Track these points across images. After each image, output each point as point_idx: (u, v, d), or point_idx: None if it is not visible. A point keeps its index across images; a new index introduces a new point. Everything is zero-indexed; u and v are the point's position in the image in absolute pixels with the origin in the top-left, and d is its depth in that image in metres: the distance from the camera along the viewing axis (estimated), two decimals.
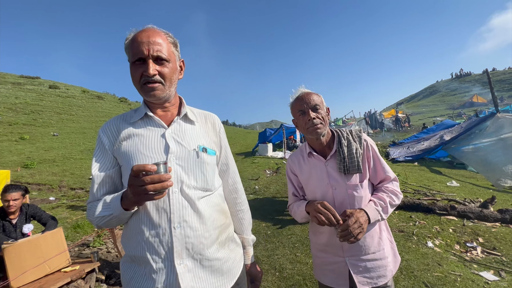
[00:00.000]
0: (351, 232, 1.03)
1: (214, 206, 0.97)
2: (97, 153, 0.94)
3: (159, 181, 0.71)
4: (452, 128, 9.46)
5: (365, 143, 1.23)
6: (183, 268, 0.85)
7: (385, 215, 1.15)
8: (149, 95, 0.90)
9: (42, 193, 6.70)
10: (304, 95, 1.21)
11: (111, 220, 0.85)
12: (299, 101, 1.22)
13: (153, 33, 0.89)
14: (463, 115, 27.20)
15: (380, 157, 1.23)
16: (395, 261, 1.25)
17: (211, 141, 1.04)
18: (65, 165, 9.40)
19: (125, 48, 0.91)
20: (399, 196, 1.19)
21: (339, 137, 1.24)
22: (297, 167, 1.34)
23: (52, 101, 21.31)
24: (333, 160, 1.22)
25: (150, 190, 0.71)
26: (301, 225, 4.20)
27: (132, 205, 0.81)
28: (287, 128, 13.75)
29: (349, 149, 1.19)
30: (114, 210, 0.83)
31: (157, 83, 0.89)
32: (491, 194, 4.82)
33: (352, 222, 1.05)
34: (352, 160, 1.17)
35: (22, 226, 2.87)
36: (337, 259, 1.21)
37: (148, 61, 0.86)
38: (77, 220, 4.80)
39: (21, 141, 11.92)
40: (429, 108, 47.43)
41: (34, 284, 2.30)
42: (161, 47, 0.88)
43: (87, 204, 0.92)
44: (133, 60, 0.87)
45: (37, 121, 15.80)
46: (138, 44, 0.86)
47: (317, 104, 1.19)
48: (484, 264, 2.85)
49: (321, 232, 1.26)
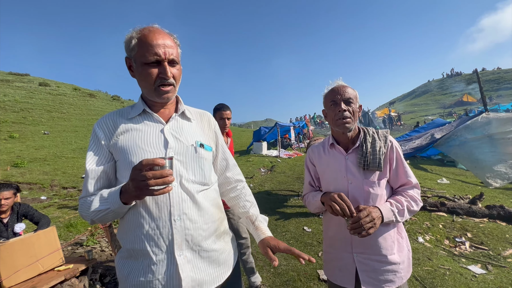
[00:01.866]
0: (362, 225, 1.02)
1: (211, 200, 1.01)
2: (92, 147, 0.94)
3: (161, 177, 0.72)
4: (443, 126, 9.65)
5: (390, 143, 1.22)
6: (183, 259, 0.87)
7: (401, 218, 1.12)
8: (162, 97, 0.93)
9: (33, 193, 6.58)
10: (340, 87, 1.21)
11: (107, 214, 0.85)
12: (334, 92, 1.21)
13: (164, 35, 0.91)
14: (454, 114, 27.77)
15: (403, 161, 1.22)
16: (408, 270, 1.21)
17: (207, 138, 1.07)
18: (56, 164, 9.23)
19: (132, 47, 0.90)
20: (419, 204, 1.16)
21: (365, 134, 1.24)
22: (317, 157, 1.35)
23: (43, 99, 20.84)
24: (354, 154, 1.22)
25: (152, 185, 0.72)
26: (295, 222, 4.24)
27: (132, 199, 0.82)
28: (281, 127, 13.81)
29: (372, 146, 1.19)
30: (112, 204, 0.83)
31: (171, 85, 0.93)
32: (479, 191, 4.96)
33: (364, 215, 1.04)
34: (374, 156, 1.16)
35: (13, 226, 2.82)
36: (345, 255, 1.21)
37: (165, 64, 0.89)
38: (69, 219, 4.74)
39: (11, 139, 11.64)
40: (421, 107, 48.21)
41: (27, 283, 2.27)
42: (174, 50, 0.92)
43: (80, 199, 0.92)
44: (148, 62, 0.88)
45: (27, 119, 15.44)
46: (154, 47, 0.87)
47: (351, 98, 1.19)
48: (472, 258, 2.94)
49: (331, 226, 1.27)
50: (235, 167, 1.19)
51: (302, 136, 17.54)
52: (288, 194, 5.78)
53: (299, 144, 15.81)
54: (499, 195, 5.19)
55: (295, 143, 15.51)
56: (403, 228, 1.26)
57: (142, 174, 0.72)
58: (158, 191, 0.74)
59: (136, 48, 0.89)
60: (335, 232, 1.25)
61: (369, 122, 25.79)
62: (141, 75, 0.91)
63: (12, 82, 23.93)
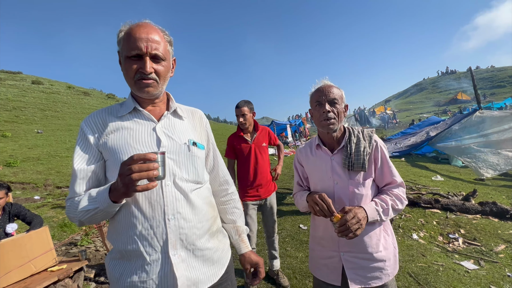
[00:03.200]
0: (349, 228, 1.03)
1: (204, 198, 1.00)
2: (80, 146, 0.91)
3: (147, 169, 0.70)
4: (437, 124, 9.75)
5: (374, 143, 1.22)
6: (177, 258, 0.86)
7: (385, 217, 1.13)
8: (142, 91, 0.90)
9: (26, 192, 6.49)
10: (325, 87, 1.21)
11: (96, 214, 0.82)
12: (319, 92, 1.21)
13: (151, 30, 0.88)
14: (448, 111, 28.07)
15: (388, 160, 1.22)
16: (395, 267, 1.22)
17: (199, 136, 1.06)
18: (50, 163, 9.12)
19: (119, 40, 0.89)
20: (404, 202, 1.17)
21: (350, 134, 1.24)
22: (304, 157, 1.36)
23: (36, 97, 20.55)
24: (339, 155, 1.22)
25: (135, 179, 0.69)
26: (291, 220, 4.25)
27: (121, 197, 0.78)
28: (277, 125, 13.82)
29: (357, 146, 1.19)
30: (100, 203, 0.80)
31: (152, 80, 0.89)
32: (473, 188, 5.02)
33: (350, 217, 1.04)
34: (358, 157, 1.17)
35: (5, 226, 2.78)
36: (332, 254, 1.22)
37: (146, 59, 0.86)
38: (63, 219, 4.69)
39: (3, 138, 11.47)
40: (416, 105, 48.65)
41: (19, 284, 2.24)
42: (159, 45, 0.88)
43: (67, 200, 0.88)
44: (129, 55, 0.86)
45: (20, 117, 15.22)
46: (136, 40, 0.85)
47: (336, 99, 1.18)
48: (465, 254, 2.98)
49: (318, 225, 1.28)
50: (223, 167, 1.18)
51: (298, 134, 17.59)
52: (284, 192, 5.79)
53: (296, 142, 15.85)
54: (492, 191, 5.26)
55: (291, 141, 15.54)
56: (390, 226, 1.28)
57: (128, 167, 0.70)
58: (141, 186, 0.71)
59: (122, 41, 0.88)
60: (323, 232, 1.26)
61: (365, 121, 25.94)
62: (123, 68, 0.89)
63: (4, 80, 23.52)
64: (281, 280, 2.55)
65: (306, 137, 17.40)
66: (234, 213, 1.16)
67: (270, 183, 2.53)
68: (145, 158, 0.70)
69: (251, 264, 1.10)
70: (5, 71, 28.06)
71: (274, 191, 2.59)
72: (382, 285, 1.17)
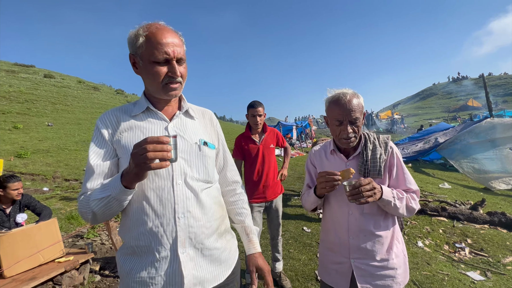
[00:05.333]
0: (361, 192, 1.02)
1: (214, 198, 1.01)
2: (96, 143, 0.92)
3: (161, 150, 0.72)
4: (446, 130, 9.59)
5: (390, 150, 1.21)
6: (185, 256, 0.88)
7: (399, 204, 1.11)
8: (169, 94, 0.92)
9: (36, 184, 6.63)
10: (347, 103, 1.11)
11: (108, 204, 0.81)
12: (339, 109, 1.13)
13: (172, 34, 0.90)
14: (458, 118, 27.54)
15: (404, 167, 1.21)
16: (405, 276, 1.21)
17: (210, 136, 1.08)
18: (59, 156, 9.30)
19: (138, 44, 0.88)
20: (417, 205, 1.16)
21: (366, 140, 1.23)
22: (318, 160, 1.35)
23: (47, 91, 20.95)
24: (355, 161, 1.22)
25: (150, 158, 0.71)
26: (295, 222, 4.25)
27: (133, 180, 0.78)
28: (284, 126, 13.79)
29: (373, 153, 1.18)
30: (112, 189, 0.80)
31: (178, 83, 0.93)
32: (481, 197, 4.92)
33: (365, 182, 1.03)
34: (375, 164, 1.16)
35: (15, 216, 2.85)
36: (343, 260, 1.21)
37: (173, 63, 0.89)
38: (71, 211, 4.78)
39: (15, 130, 11.73)
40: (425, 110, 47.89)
41: (27, 273, 2.30)
42: (181, 48, 0.91)
43: (79, 196, 0.87)
44: (157, 61, 0.87)
45: (31, 110, 15.55)
46: (163, 45, 0.86)
47: (357, 118, 1.13)
48: (471, 265, 2.93)
49: (329, 230, 1.27)
50: (233, 167, 1.19)
51: (304, 136, 17.52)
52: (288, 194, 5.78)
53: (301, 144, 15.79)
54: (501, 201, 5.15)
55: (297, 143, 15.49)
56: (400, 233, 1.26)
57: (142, 147, 0.71)
58: (155, 164, 0.72)
59: (144, 45, 0.88)
60: (334, 237, 1.25)
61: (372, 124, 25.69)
62: (148, 73, 0.90)
63: (17, 73, 24.07)
64: (284, 282, 2.55)
65: (312, 139, 17.31)
66: (242, 213, 1.17)
67: (277, 185, 2.54)
68: (159, 141, 0.72)
69: (256, 267, 1.06)
70: (18, 64, 28.69)
71: (281, 194, 2.59)
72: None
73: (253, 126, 2.46)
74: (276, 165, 2.58)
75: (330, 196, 1.27)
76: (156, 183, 0.88)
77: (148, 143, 0.71)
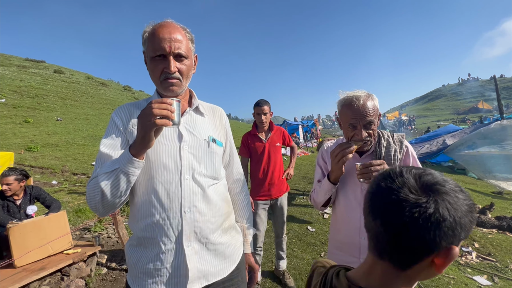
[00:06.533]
0: (371, 171, 1.00)
1: (220, 194, 1.03)
2: (110, 132, 0.94)
3: (166, 109, 0.77)
4: (455, 132, 9.43)
5: (405, 148, 1.18)
6: (190, 250, 0.90)
7: None
8: (167, 90, 0.93)
9: (45, 177, 6.78)
10: (359, 106, 1.07)
11: (117, 178, 0.80)
12: (352, 112, 1.08)
13: (173, 29, 0.90)
14: (467, 120, 27.01)
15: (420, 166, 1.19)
16: None
17: (219, 133, 1.09)
18: (68, 150, 9.47)
19: (144, 41, 0.93)
20: None
21: (379, 138, 1.20)
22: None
23: (57, 86, 21.31)
24: (369, 159, 1.19)
25: (156, 114, 0.75)
26: (299, 221, 4.25)
27: (140, 145, 0.79)
28: (289, 125, 13.75)
29: (387, 150, 1.16)
30: (121, 161, 0.80)
31: (176, 79, 0.92)
32: (490, 201, 4.83)
33: (377, 163, 1.02)
34: (389, 161, 1.14)
35: (26, 207, 2.92)
36: (352, 259, 1.20)
37: (170, 58, 0.89)
38: (79, 205, 4.87)
39: (25, 124, 11.99)
40: (433, 112, 47.12)
41: (37, 264, 2.36)
42: (181, 44, 0.91)
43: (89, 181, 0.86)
44: (154, 56, 0.89)
45: (41, 105, 15.85)
46: (159, 40, 0.87)
47: (372, 121, 1.08)
48: (478, 269, 2.89)
49: (340, 229, 1.26)
50: (238, 165, 1.21)
51: (310, 135, 17.43)
52: (293, 193, 5.78)
53: (307, 143, 15.72)
54: (510, 206, 5.05)
55: (302, 142, 15.43)
56: None
57: (149, 106, 0.77)
58: (160, 120, 0.76)
59: (147, 42, 0.91)
60: (344, 237, 1.24)
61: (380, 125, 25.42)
62: (149, 69, 0.93)
63: (28, 68, 24.53)
64: (287, 281, 2.55)
65: (318, 139, 17.22)
66: (243, 212, 1.19)
67: (282, 183, 2.54)
68: (163, 101, 0.77)
69: (249, 265, 1.19)
70: (29, 59, 29.23)
71: (286, 192, 2.59)
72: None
73: (259, 125, 2.46)
74: (282, 164, 2.58)
75: (340, 196, 1.26)
76: (165, 177, 0.90)
77: (153, 103, 0.77)
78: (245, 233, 1.18)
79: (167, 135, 0.94)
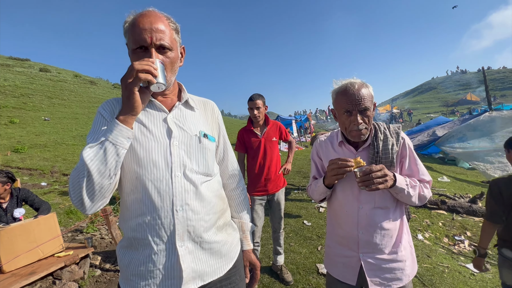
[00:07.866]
0: (372, 179, 0.98)
1: (214, 191, 0.98)
2: (98, 125, 0.86)
3: (147, 64, 0.76)
4: (445, 124, 9.60)
5: (402, 140, 1.16)
6: (184, 250, 0.86)
7: (412, 191, 1.08)
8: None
9: (34, 178, 6.59)
10: (355, 92, 1.06)
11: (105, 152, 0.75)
12: (347, 98, 1.07)
13: (155, 18, 0.84)
14: (457, 112, 27.60)
15: (416, 158, 1.17)
16: (413, 267, 1.19)
17: (211, 128, 1.04)
18: (57, 150, 9.23)
19: (125, 32, 0.87)
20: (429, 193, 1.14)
21: (376, 131, 1.18)
22: (324, 152, 1.30)
23: (43, 85, 20.70)
24: (365, 152, 1.17)
25: (138, 69, 0.74)
26: (295, 216, 4.25)
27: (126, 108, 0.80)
28: (282, 120, 13.74)
29: (384, 143, 1.14)
30: (107, 132, 0.78)
31: None
32: (480, 190, 4.95)
33: (377, 168, 0.99)
34: (387, 155, 1.12)
35: (13, 210, 2.82)
36: (351, 253, 1.18)
37: (152, 50, 0.83)
38: (70, 206, 4.75)
39: (11, 124, 11.62)
40: (423, 105, 47.96)
41: (27, 268, 2.29)
42: (164, 34, 0.84)
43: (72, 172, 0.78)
44: (135, 48, 0.83)
45: (27, 104, 15.38)
46: (140, 31, 0.82)
47: (367, 107, 1.07)
48: (470, 257, 2.95)
49: (339, 223, 1.24)
50: (233, 160, 1.16)
51: (303, 130, 17.49)
52: (288, 188, 5.78)
53: (300, 138, 15.77)
54: None
55: (296, 137, 15.47)
56: (407, 224, 1.24)
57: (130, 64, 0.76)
58: (143, 74, 0.75)
59: (128, 33, 0.85)
60: (342, 231, 1.22)
61: None
62: (131, 61, 0.86)
63: (12, 67, 23.73)
64: (285, 276, 2.55)
65: (311, 134, 17.30)
66: (240, 208, 1.15)
67: (279, 178, 2.51)
68: (144, 59, 0.77)
69: (250, 263, 1.14)
70: (13, 57, 28.25)
71: (283, 187, 2.57)
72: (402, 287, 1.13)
73: (254, 119, 2.42)
74: (279, 159, 2.55)
75: (338, 191, 1.23)
76: (155, 175, 0.85)
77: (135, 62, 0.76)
78: (243, 229, 1.14)
79: (155, 131, 0.88)
